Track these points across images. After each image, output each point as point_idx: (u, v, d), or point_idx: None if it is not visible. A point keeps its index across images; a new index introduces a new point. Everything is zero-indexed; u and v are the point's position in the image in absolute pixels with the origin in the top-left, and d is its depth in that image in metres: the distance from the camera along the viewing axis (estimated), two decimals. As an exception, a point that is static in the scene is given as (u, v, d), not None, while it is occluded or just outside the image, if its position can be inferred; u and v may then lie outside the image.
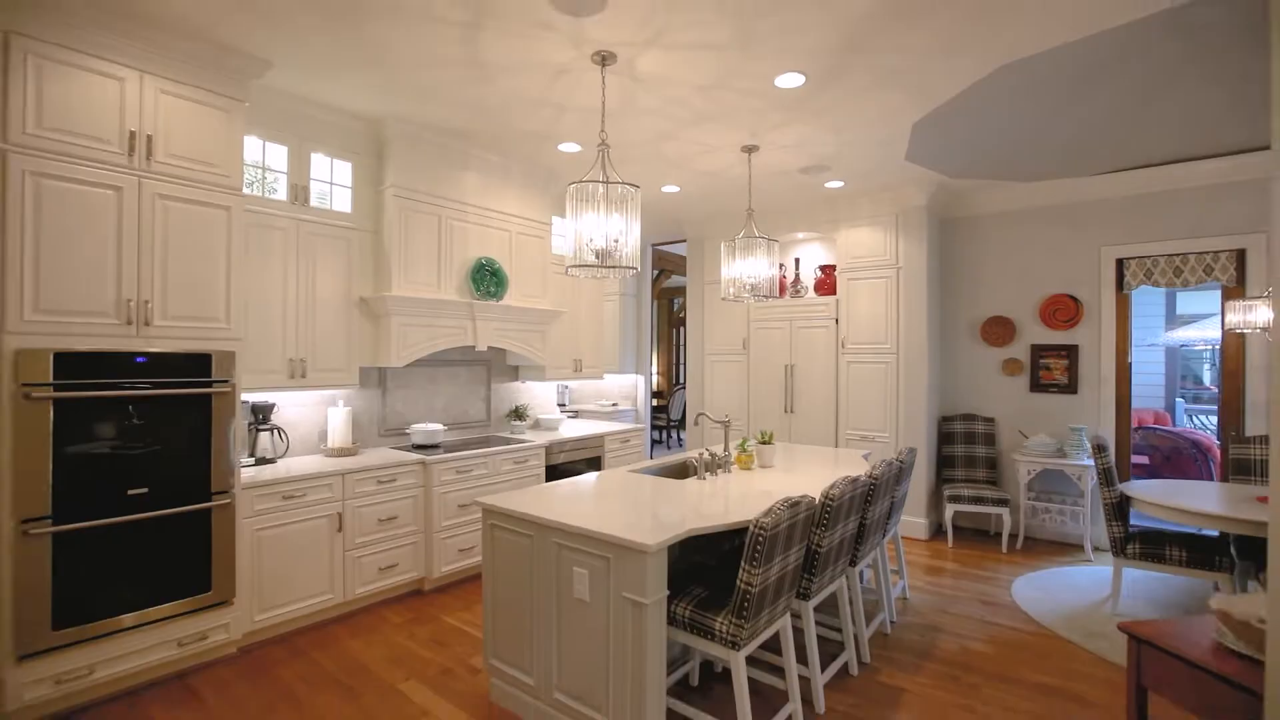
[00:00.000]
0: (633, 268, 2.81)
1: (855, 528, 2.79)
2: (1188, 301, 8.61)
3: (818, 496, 2.56)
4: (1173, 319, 8.68)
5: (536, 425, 5.16)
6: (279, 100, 3.29)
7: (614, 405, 7.43)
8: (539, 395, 5.29)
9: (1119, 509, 3.43)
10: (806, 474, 3.27)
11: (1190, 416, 8.98)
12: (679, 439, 10.23)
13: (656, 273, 8.27)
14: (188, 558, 2.74)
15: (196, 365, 2.76)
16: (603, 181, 2.71)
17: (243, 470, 3.19)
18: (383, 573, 3.53)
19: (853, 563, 2.90)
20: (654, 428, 10.04)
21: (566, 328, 5.07)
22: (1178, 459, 5.64)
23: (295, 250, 3.40)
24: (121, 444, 2.55)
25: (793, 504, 2.15)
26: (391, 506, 3.56)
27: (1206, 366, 10.13)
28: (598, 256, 2.76)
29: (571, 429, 5.05)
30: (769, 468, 3.42)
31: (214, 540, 2.82)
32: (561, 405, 7.36)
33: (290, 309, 3.38)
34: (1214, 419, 8.85)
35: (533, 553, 2.40)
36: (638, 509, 2.47)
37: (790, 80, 3.07)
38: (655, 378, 11.87)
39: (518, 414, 4.81)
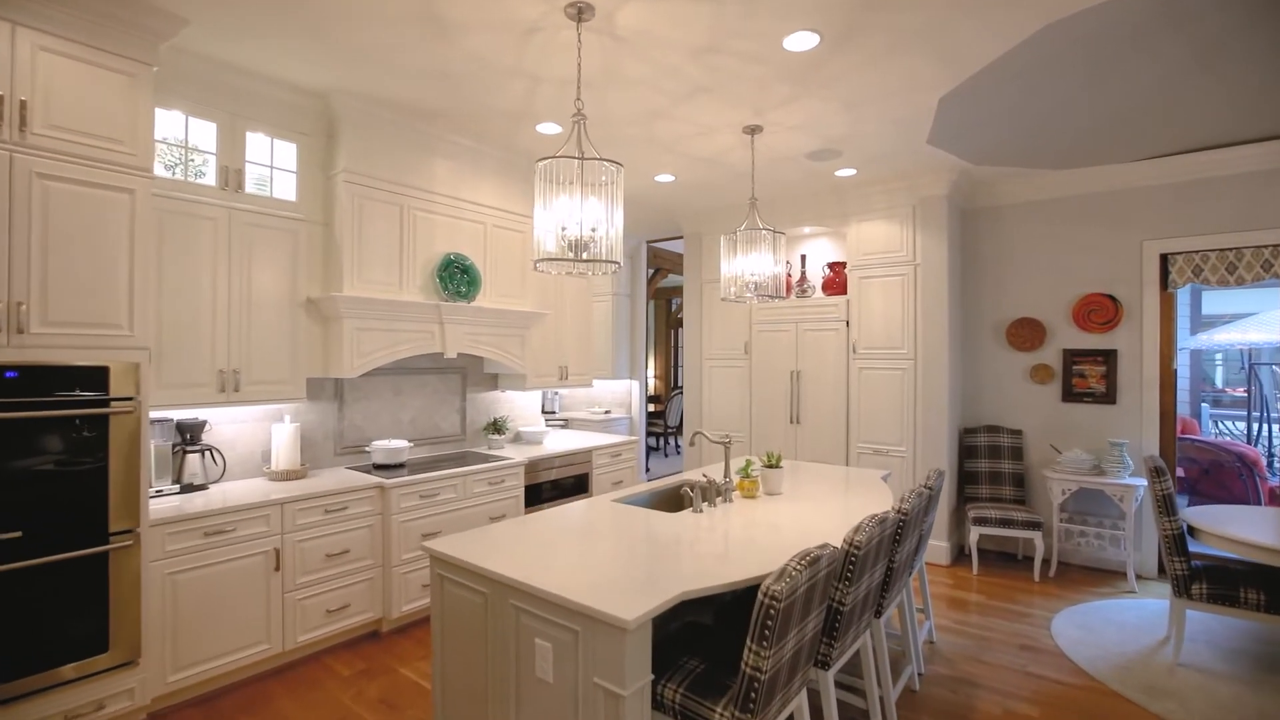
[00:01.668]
0: (614, 262, 2.35)
1: (882, 574, 2.33)
2: (1216, 301, 8.15)
3: (840, 542, 2.10)
4: (1198, 320, 8.21)
5: (518, 439, 4.69)
6: (204, 68, 2.83)
7: (606, 413, 6.99)
8: (521, 405, 4.82)
9: (1180, 542, 2.97)
10: (821, 503, 2.81)
11: (1216, 422, 8.52)
12: (676, 446, 9.77)
13: (652, 271, 7.81)
14: (78, 613, 2.27)
15: (89, 380, 2.29)
16: (578, 158, 2.25)
17: (165, 500, 2.73)
18: (331, 616, 3.06)
19: (878, 613, 2.44)
20: (650, 434, 9.58)
21: (550, 331, 4.60)
22: (1219, 473, 5.18)
23: (227, 243, 2.93)
24: (-13, 478, 2.09)
25: (811, 561, 1.69)
26: (342, 539, 3.09)
27: (1220, 368, 9.69)
28: (572, 249, 2.30)
29: (557, 442, 4.59)
30: (776, 495, 2.96)
31: (112, 590, 2.35)
32: (551, 413, 6.90)
33: (220, 312, 2.92)
34: (1241, 425, 8.41)
35: (487, 615, 1.94)
36: (618, 558, 2.01)
37: (802, 41, 2.60)
38: (653, 381, 11.42)
39: (496, 427, 4.35)
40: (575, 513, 2.60)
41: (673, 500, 3.13)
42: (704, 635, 2.09)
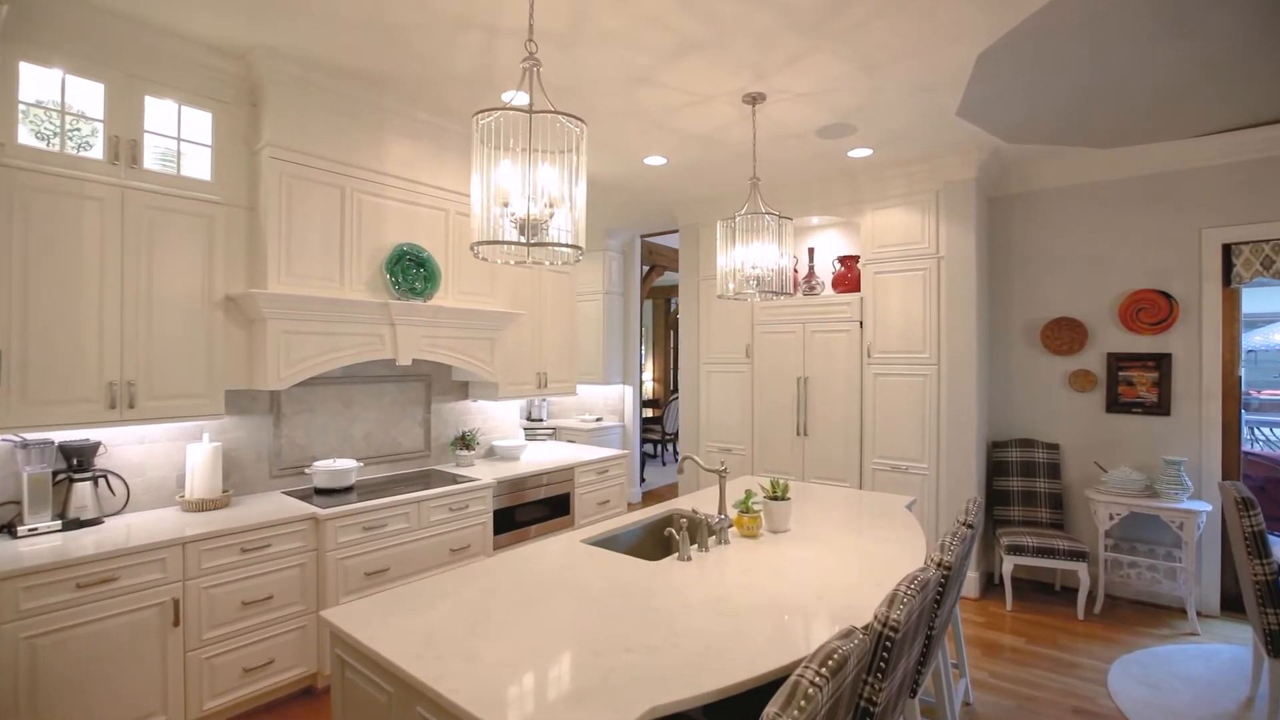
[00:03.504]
0: (575, 248, 1.84)
1: (921, 648, 1.81)
2: (1258, 299, 7.60)
3: (870, 613, 1.59)
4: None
5: (491, 454, 4.19)
6: (90, 17, 2.33)
7: (598, 420, 6.50)
8: (496, 416, 4.32)
9: (1274, 590, 2.44)
10: (838, 545, 2.29)
11: (1252, 429, 7.96)
12: (674, 453, 9.25)
13: (647, 268, 7.31)
14: (-113, 697, 1.78)
15: (-97, 399, 1.80)
16: (527, 110, 1.74)
17: (40, 540, 2.25)
18: (250, 675, 2.56)
19: (913, 692, 1.92)
20: (647, 441, 9.08)
21: (526, 333, 4.10)
22: (1276, 491, 4.64)
23: (119, 229, 2.43)
24: None
25: (836, 667, 1.17)
26: (264, 581, 2.59)
27: (1242, 369, 9.14)
28: (520, 230, 1.79)
29: (536, 457, 4.08)
30: (783, 532, 2.44)
31: (-62, 665, 1.85)
32: (539, 421, 6.41)
33: (110, 312, 2.42)
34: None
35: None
36: (574, 637, 1.50)
37: (814, -28, 2.09)
38: (650, 384, 10.92)
39: (465, 441, 3.84)
40: (533, 560, 2.09)
41: (657, 540, 2.62)
42: (688, 738, 1.59)
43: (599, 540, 2.38)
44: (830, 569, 2.04)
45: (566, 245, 1.80)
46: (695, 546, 2.24)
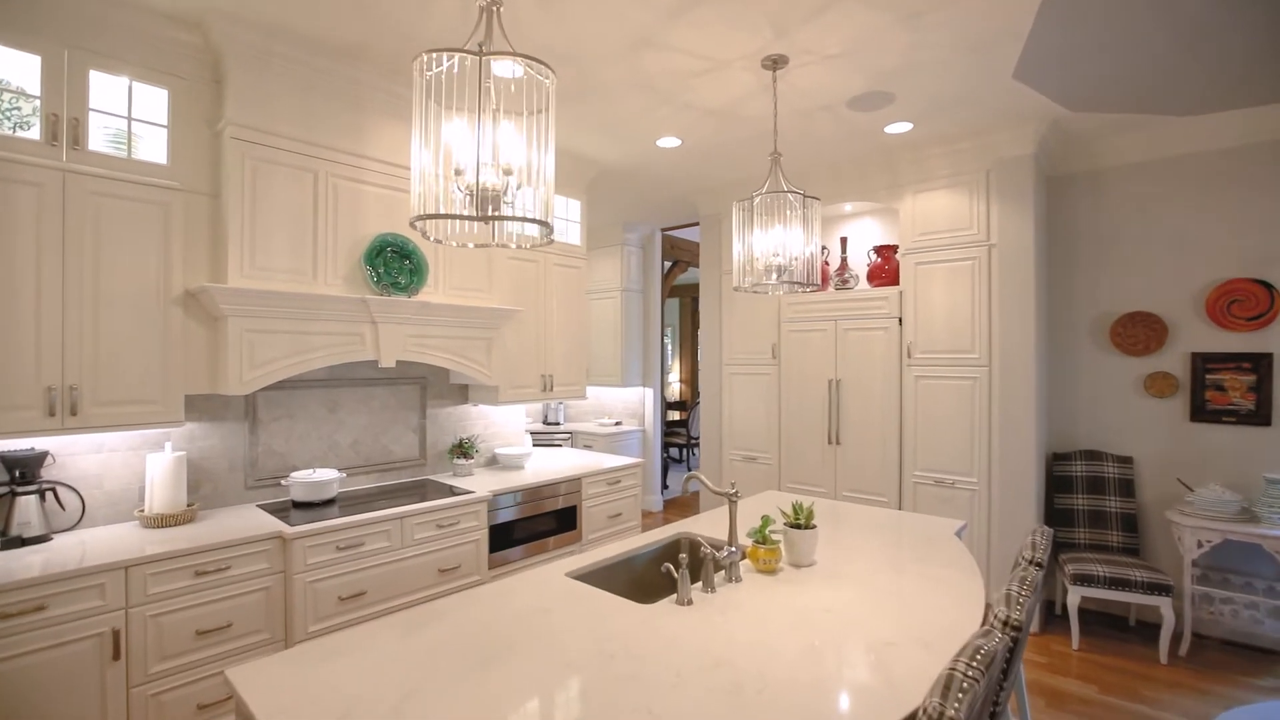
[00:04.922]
0: (542, 224, 1.50)
1: (982, 735, 1.41)
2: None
3: (920, 714, 1.20)
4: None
5: (493, 463, 3.89)
6: (20, -20, 2.10)
7: (616, 424, 6.16)
8: (498, 422, 4.02)
9: None
10: (873, 584, 1.89)
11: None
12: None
13: (669, 264, 6.94)
14: None
15: None
16: (477, 53, 1.41)
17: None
18: (205, 712, 2.30)
19: (969, 783, 1.51)
20: (673, 445, 8.72)
21: (530, 332, 3.79)
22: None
23: (60, 217, 2.20)
24: None
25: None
26: (222, 608, 2.33)
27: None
28: (473, 200, 1.46)
29: (542, 466, 3.76)
30: (806, 566, 2.05)
31: None
32: (555, 425, 6.11)
33: (50, 310, 2.18)
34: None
35: (283, 830, 1.11)
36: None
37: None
38: (678, 386, 10.56)
39: (462, 449, 3.55)
40: (503, 599, 1.76)
41: (655, 574, 2.26)
42: None
43: (588, 573, 2.04)
44: (864, 621, 1.64)
45: (529, 220, 1.46)
46: (699, 585, 1.87)
